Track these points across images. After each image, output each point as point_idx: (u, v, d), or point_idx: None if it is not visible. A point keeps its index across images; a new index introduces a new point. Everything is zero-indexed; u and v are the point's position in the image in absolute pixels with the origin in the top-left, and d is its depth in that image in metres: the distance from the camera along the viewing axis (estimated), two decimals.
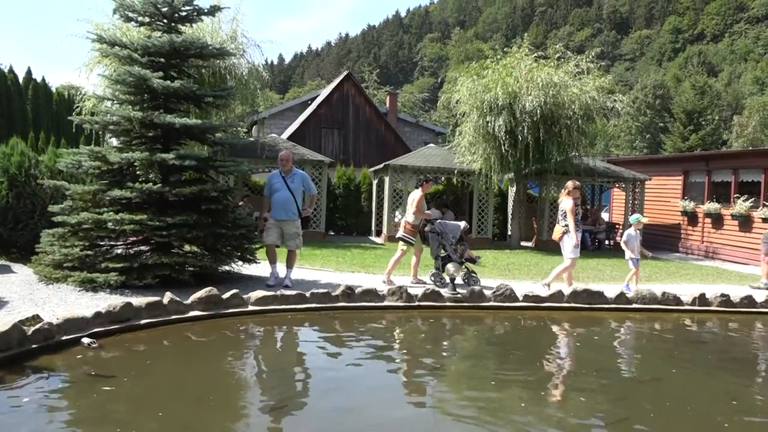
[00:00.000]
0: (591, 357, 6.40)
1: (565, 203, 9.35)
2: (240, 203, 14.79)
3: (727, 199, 16.81)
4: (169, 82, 8.68)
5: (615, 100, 16.91)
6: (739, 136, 52.44)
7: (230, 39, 15.90)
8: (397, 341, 6.77)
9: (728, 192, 16.86)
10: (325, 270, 11.18)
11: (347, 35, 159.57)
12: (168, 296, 6.57)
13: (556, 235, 9.52)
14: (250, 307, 7.03)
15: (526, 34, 20.13)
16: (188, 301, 6.70)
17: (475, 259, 10.35)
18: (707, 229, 17.47)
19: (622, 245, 10.42)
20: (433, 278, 9.96)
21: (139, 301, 6.36)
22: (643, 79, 73.94)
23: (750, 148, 36.22)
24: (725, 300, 8.39)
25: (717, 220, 17.07)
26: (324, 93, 31.23)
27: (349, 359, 5.80)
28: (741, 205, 15.89)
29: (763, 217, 15.25)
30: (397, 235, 10.43)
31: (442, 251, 10.06)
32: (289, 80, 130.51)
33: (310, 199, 9.40)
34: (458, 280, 9.48)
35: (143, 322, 6.12)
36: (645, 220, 11.26)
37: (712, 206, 17.05)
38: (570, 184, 9.60)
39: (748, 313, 8.29)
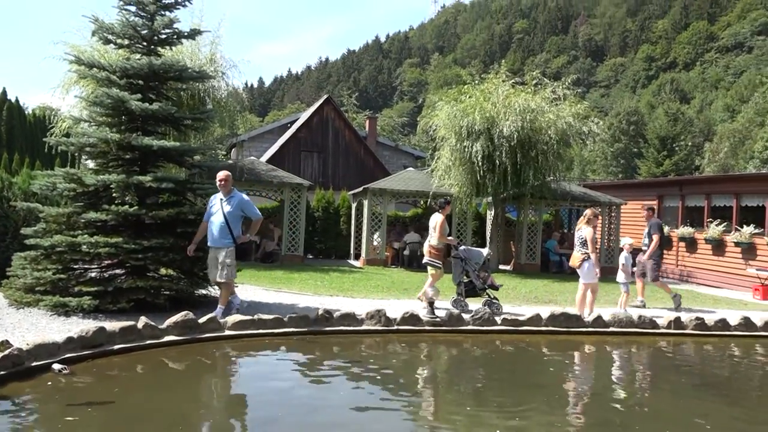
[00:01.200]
0: (570, 381, 6.41)
1: (585, 231, 9.43)
2: None
3: (701, 223, 17.10)
4: (147, 104, 8.64)
5: (592, 122, 17.19)
6: (711, 161, 53.55)
7: (210, 61, 15.94)
8: (375, 365, 6.71)
9: (701, 216, 17.17)
10: (303, 294, 11.10)
11: (327, 59, 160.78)
12: (143, 321, 6.47)
13: (575, 262, 9.55)
14: (227, 332, 6.94)
15: (503, 61, 20.46)
16: (163, 326, 6.59)
17: (497, 287, 10.27)
18: (682, 252, 17.73)
19: (621, 269, 10.72)
20: (454, 304, 9.83)
21: (112, 325, 6.24)
22: (617, 105, 75.41)
23: (722, 174, 37.00)
24: (700, 323, 8.49)
25: (691, 244, 17.34)
26: (304, 116, 31.30)
27: (326, 384, 5.74)
28: (714, 229, 16.17)
29: (735, 241, 15.52)
30: (424, 261, 10.32)
31: (465, 277, 10.00)
32: (269, 103, 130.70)
33: (255, 224, 8.34)
34: (473, 306, 9.56)
35: (117, 347, 6.01)
36: (631, 241, 11.53)
37: (686, 230, 17.33)
38: (589, 212, 9.74)
39: (722, 336, 8.39)
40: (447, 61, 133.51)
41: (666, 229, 18.09)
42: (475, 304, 9.84)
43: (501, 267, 18.14)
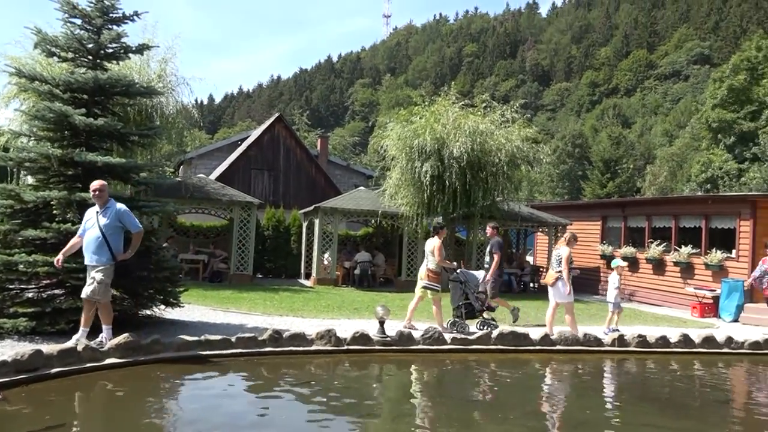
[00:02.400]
0: (518, 400, 6.48)
1: (562, 250, 9.62)
2: (164, 244, 14.33)
3: (642, 243, 17.68)
4: (92, 119, 8.41)
5: (539, 150, 17.67)
6: (652, 184, 55.62)
7: (159, 77, 15.67)
8: (323, 386, 6.64)
9: (643, 237, 17.75)
10: (252, 314, 10.91)
11: (279, 78, 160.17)
12: (82, 343, 6.23)
13: (549, 280, 9.72)
14: (172, 353, 6.75)
15: (453, 83, 20.82)
16: (104, 348, 6.37)
17: (494, 308, 10.40)
18: (624, 272, 18.24)
19: (614, 290, 10.92)
20: (452, 327, 9.78)
21: (50, 348, 5.99)
22: (563, 128, 77.72)
23: (661, 196, 38.48)
24: (642, 341, 8.73)
25: (633, 264, 17.88)
26: (254, 134, 31.03)
27: (273, 405, 5.63)
28: (654, 249, 16.74)
29: (674, 260, 16.10)
30: (423, 284, 10.24)
31: (463, 299, 10.00)
32: (219, 120, 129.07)
33: (135, 238, 7.32)
34: (472, 328, 9.69)
35: (54, 371, 5.75)
36: (624, 264, 11.84)
37: (628, 250, 17.87)
38: (569, 234, 10.09)
39: (662, 353, 8.65)
40: (398, 82, 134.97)
41: (609, 248, 18.65)
42: (415, 323, 9.87)
43: None
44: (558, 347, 8.41)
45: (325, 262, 17.81)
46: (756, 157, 41.61)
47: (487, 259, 11.74)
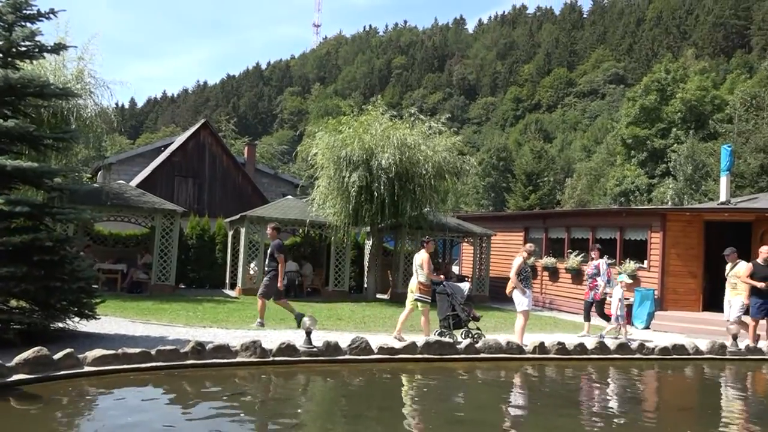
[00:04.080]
0: (447, 408, 6.56)
1: (514, 261, 10.13)
2: (80, 253, 13.67)
3: (562, 254, 18.36)
4: (1, 120, 7.94)
5: (466, 162, 18.05)
6: (571, 197, 57.93)
7: (76, 78, 15.00)
8: (246, 399, 6.50)
9: (563, 247, 18.44)
10: (173, 325, 10.56)
11: (206, 83, 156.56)
12: None
13: (508, 289, 10.28)
14: (87, 368, 6.43)
15: (382, 94, 21.03)
16: (12, 363, 5.98)
17: (479, 318, 10.64)
18: (545, 281, 18.90)
19: (618, 302, 11.71)
20: (440, 336, 9.89)
21: None
22: (488, 141, 79.79)
23: (580, 209, 40.13)
24: (561, 348, 9.04)
25: (553, 274, 18.54)
26: (179, 140, 30.20)
27: (194, 420, 5.46)
28: (573, 259, 17.41)
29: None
30: (415, 297, 10.37)
31: (450, 311, 10.23)
32: (142, 125, 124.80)
33: None
34: (460, 338, 9.83)
35: None
36: (630, 281, 12.57)
37: (549, 260, 18.52)
38: (528, 246, 10.59)
39: (580, 359, 8.99)
40: (328, 92, 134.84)
41: (531, 259, 19.22)
42: (342, 333, 9.84)
43: (379, 296, 18.35)
44: (482, 355, 8.58)
45: (251, 272, 17.48)
46: (665, 173, 44.11)
47: (267, 261, 11.59)
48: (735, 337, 10.12)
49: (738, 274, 11.25)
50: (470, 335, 10.14)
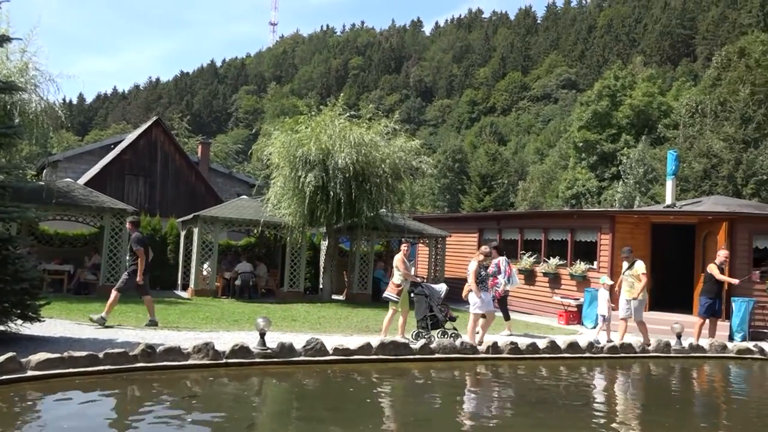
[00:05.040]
0: (401, 408, 6.57)
1: (471, 265, 10.27)
2: (25, 253, 13.19)
3: (516, 255, 18.65)
4: None
5: (422, 162, 18.15)
6: (524, 199, 58.97)
7: (20, 72, 14.44)
8: (199, 402, 6.38)
9: (516, 249, 18.73)
10: (122, 328, 10.29)
11: (158, 80, 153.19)
12: None
13: (464, 293, 10.48)
14: (30, 372, 6.20)
15: (340, 94, 20.96)
16: None
17: (455, 318, 10.84)
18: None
19: (606, 303, 11.83)
20: (417, 337, 10.16)
21: None
22: (444, 143, 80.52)
23: (532, 211, 40.89)
24: (514, 348, 9.18)
25: None
26: (130, 138, 29.43)
27: (142, 425, 5.32)
28: (526, 260, 17.71)
29: (543, 271, 17.12)
30: (384, 296, 10.78)
31: (428, 311, 10.41)
32: (91, 122, 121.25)
33: None
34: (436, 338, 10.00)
35: None
36: (611, 282, 12.47)
37: None
38: (485, 248, 10.67)
39: (532, 359, 9.15)
40: (284, 91, 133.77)
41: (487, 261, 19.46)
42: (297, 334, 9.78)
43: (335, 297, 18.28)
44: (437, 355, 8.64)
45: (204, 273, 17.19)
46: (614, 176, 45.32)
47: (128, 257, 11.29)
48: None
49: (635, 274, 11.13)
50: (447, 335, 10.37)
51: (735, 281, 11.94)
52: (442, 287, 11.00)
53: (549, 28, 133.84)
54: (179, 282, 18.51)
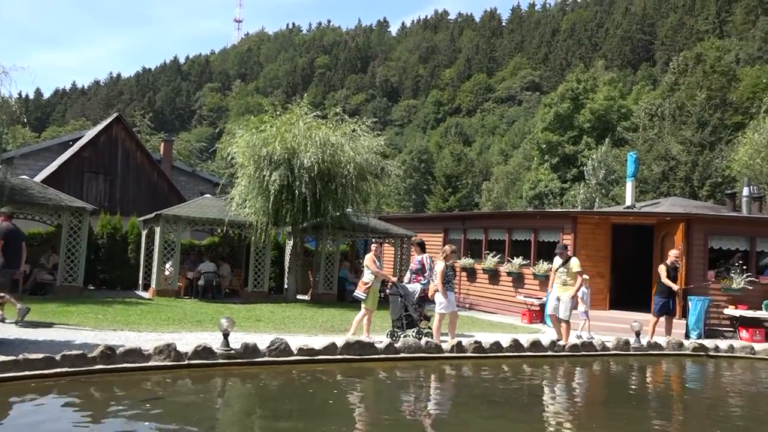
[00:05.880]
0: (367, 408, 6.56)
1: (437, 266, 10.25)
2: None
3: (480, 255, 18.84)
4: None
5: (388, 163, 18.19)
6: (488, 199, 59.61)
7: None
8: (159, 404, 6.26)
9: (480, 249, 18.92)
10: (81, 329, 10.05)
11: (119, 75, 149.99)
12: None
13: (430, 293, 10.44)
14: None
15: (305, 93, 20.84)
16: None
17: (429, 317, 10.79)
18: (464, 282, 19.32)
19: (580, 301, 12.18)
20: (391, 336, 10.20)
21: None
22: (410, 143, 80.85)
23: (496, 211, 41.36)
24: (478, 347, 9.26)
25: (471, 274, 18.99)
26: (89, 134, 28.77)
27: (98, 430, 5.21)
28: (490, 260, 17.90)
29: (507, 271, 17.33)
30: (355, 294, 10.90)
31: (403, 311, 10.42)
32: (48, 118, 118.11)
33: None
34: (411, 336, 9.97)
35: None
36: (586, 277, 12.67)
37: (467, 261, 18.95)
38: (448, 248, 10.59)
39: (496, 357, 9.24)
40: (249, 89, 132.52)
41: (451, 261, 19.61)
42: (262, 335, 9.70)
43: (300, 297, 18.18)
44: (402, 355, 8.66)
45: (167, 273, 16.90)
46: (576, 177, 46.17)
47: None
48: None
49: (572, 272, 11.01)
50: (422, 334, 10.38)
51: (675, 287, 12.14)
52: (416, 287, 10.98)
53: (513, 30, 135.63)
54: (140, 282, 18.17)
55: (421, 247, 11.38)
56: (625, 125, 46.92)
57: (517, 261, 17.04)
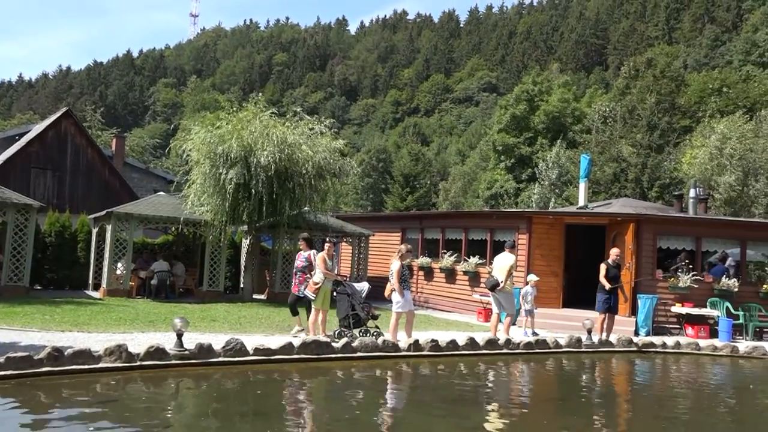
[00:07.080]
0: (323, 408, 6.53)
1: (393, 265, 10.21)
2: None
3: (437, 254, 18.97)
4: None
5: (347, 162, 18.13)
6: (445, 199, 60.11)
7: None
8: (109, 408, 6.10)
9: (438, 248, 19.06)
10: (27, 330, 9.71)
11: (69, 68, 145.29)
12: None
13: (387, 293, 10.36)
14: None
15: (263, 90, 20.62)
16: None
17: (377, 316, 10.80)
18: (421, 281, 19.44)
19: (521, 299, 12.74)
20: (339, 336, 10.12)
21: None
22: (368, 143, 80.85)
23: (454, 211, 41.74)
24: (434, 345, 9.33)
25: (428, 273, 19.11)
26: (37, 129, 27.81)
27: None
28: (447, 259, 18.05)
29: (463, 270, 17.50)
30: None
31: (350, 310, 10.38)
32: None
33: None
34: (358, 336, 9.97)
35: None
36: (536, 278, 13.56)
37: (424, 260, 19.07)
38: (403, 247, 10.59)
39: (452, 355, 9.33)
40: (205, 85, 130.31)
41: (407, 260, 19.70)
42: (217, 335, 9.56)
43: (256, 296, 17.98)
44: (359, 354, 8.66)
45: (118, 272, 16.49)
46: (531, 178, 46.98)
47: None
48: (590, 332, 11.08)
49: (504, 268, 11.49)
50: (369, 333, 10.41)
51: (607, 285, 12.47)
52: (364, 286, 11.02)
53: (471, 32, 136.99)
54: (90, 282, 17.67)
55: (308, 243, 11.03)
56: (578, 128, 47.95)
57: (474, 260, 17.22)
